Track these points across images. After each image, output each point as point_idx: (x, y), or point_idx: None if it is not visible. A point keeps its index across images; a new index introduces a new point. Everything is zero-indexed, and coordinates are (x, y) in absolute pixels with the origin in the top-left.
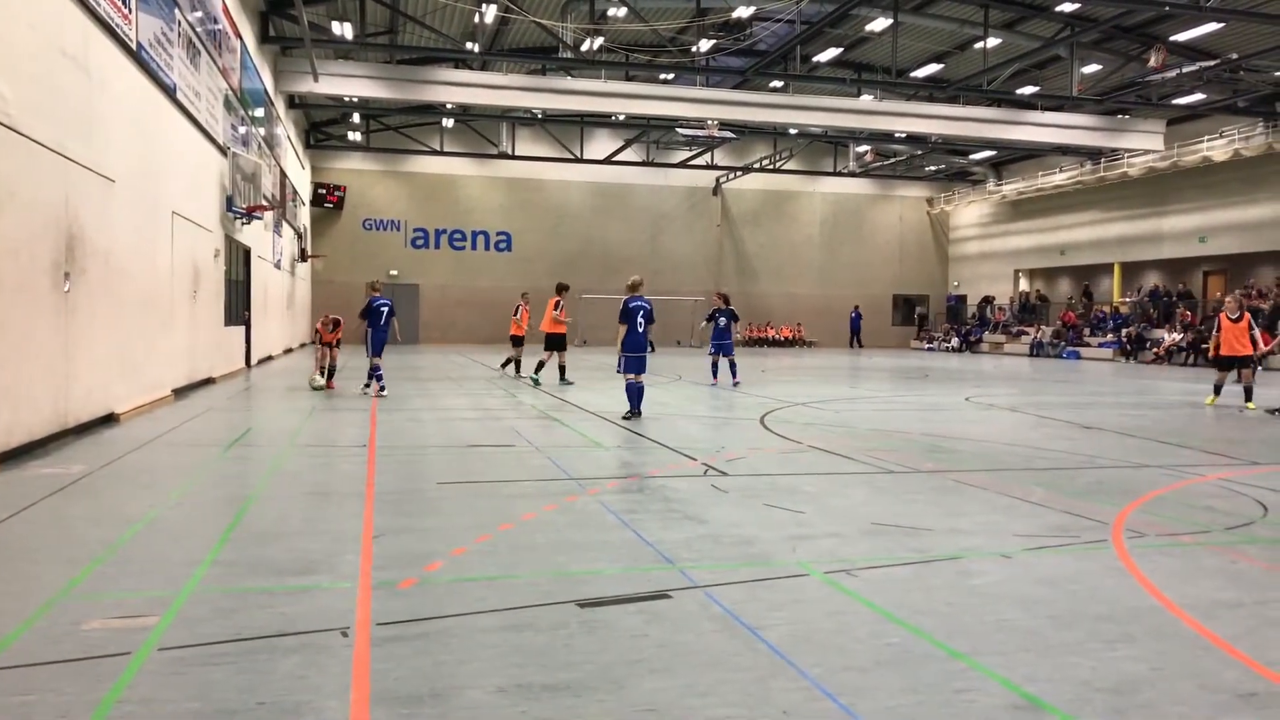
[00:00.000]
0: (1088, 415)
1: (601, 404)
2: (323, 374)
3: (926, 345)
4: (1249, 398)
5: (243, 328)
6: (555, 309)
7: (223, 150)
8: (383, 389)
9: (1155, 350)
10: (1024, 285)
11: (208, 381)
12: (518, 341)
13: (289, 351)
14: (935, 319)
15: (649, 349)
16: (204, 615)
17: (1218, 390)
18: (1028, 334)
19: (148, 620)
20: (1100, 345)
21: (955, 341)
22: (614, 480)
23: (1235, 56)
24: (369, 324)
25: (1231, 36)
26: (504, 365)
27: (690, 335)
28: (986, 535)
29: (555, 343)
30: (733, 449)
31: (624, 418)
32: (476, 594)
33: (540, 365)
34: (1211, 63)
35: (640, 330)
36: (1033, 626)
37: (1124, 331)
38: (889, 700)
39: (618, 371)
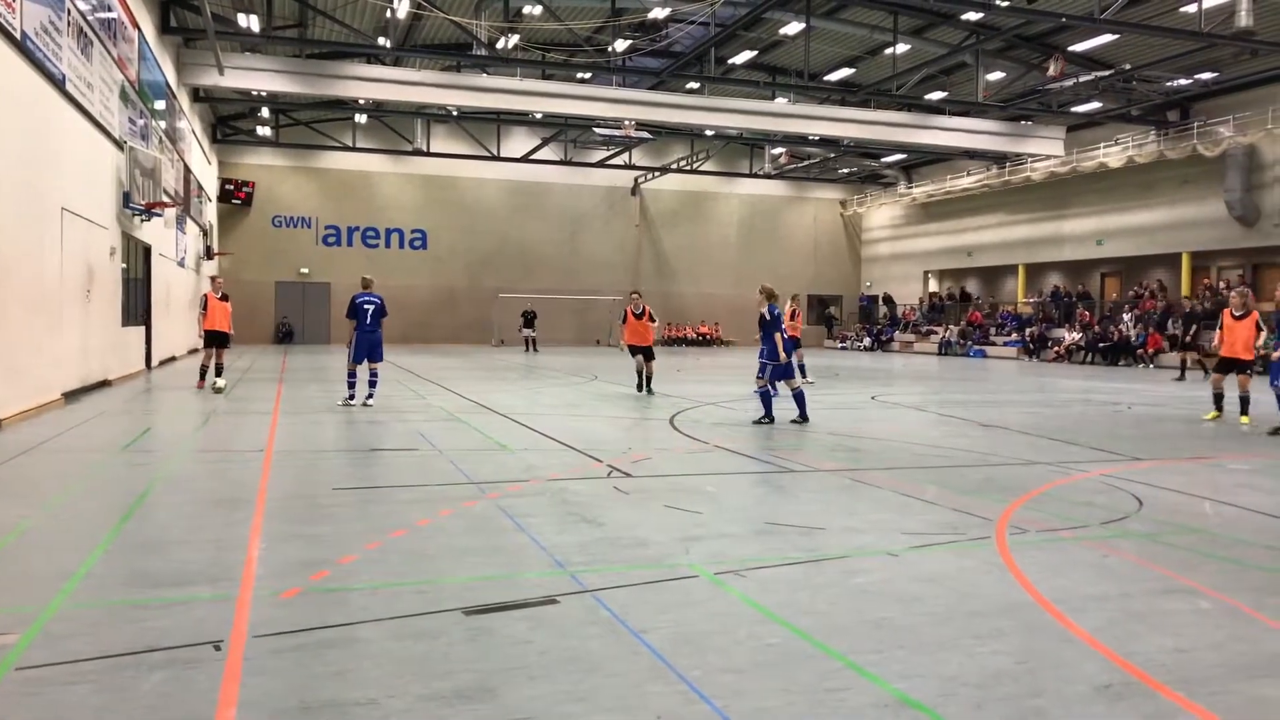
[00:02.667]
0: (987, 413)
1: (512, 404)
2: (218, 372)
3: (839, 344)
4: (1245, 409)
5: (142, 328)
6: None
7: (119, 144)
8: (369, 398)
9: (1056, 349)
10: (934, 286)
11: (103, 384)
12: (796, 344)
13: (194, 352)
14: (848, 319)
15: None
16: (69, 631)
17: (1219, 402)
18: (936, 333)
19: (7, 638)
20: (1005, 344)
21: (867, 341)
22: (515, 484)
23: (1129, 67)
24: (355, 325)
25: (1125, 48)
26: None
27: (609, 335)
28: (877, 534)
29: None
30: (640, 450)
31: (794, 421)
32: (360, 603)
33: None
34: (1107, 72)
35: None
36: (910, 624)
37: (1027, 331)
38: (763, 701)
39: (764, 378)
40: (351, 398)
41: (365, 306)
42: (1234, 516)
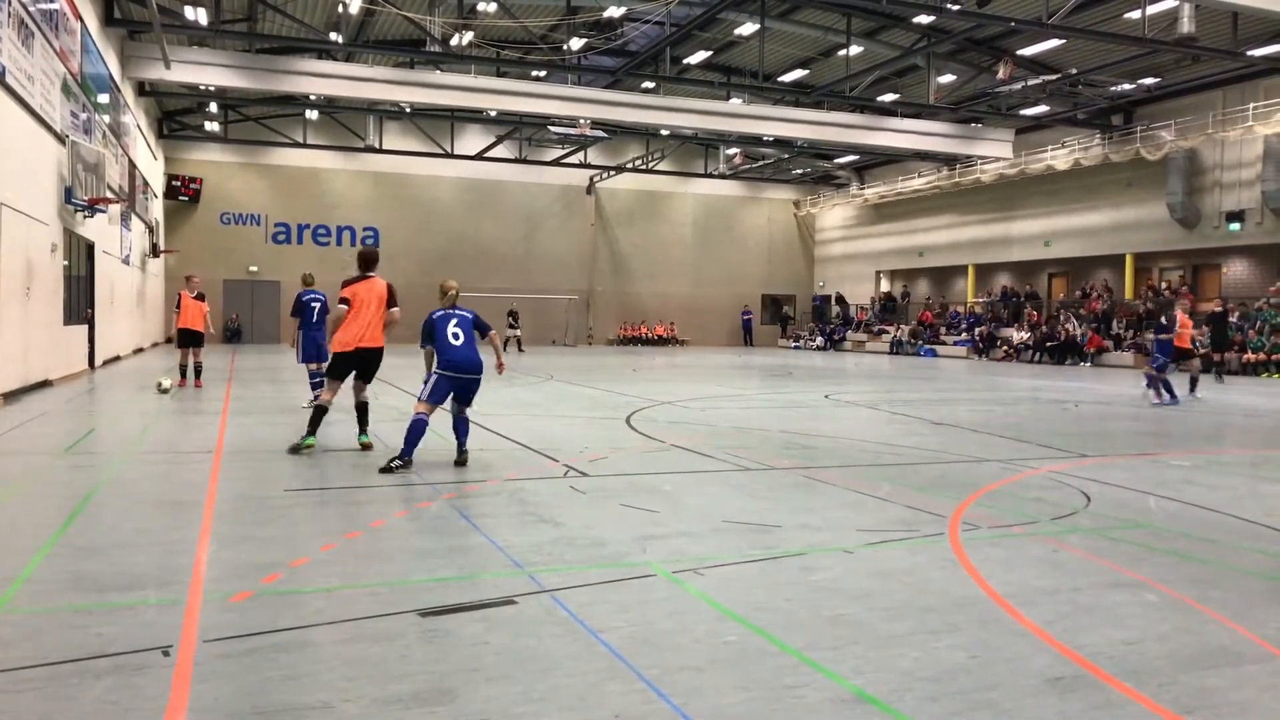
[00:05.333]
0: (938, 411)
1: None
2: (198, 372)
3: (793, 344)
4: None
5: (85, 327)
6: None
7: (60, 138)
8: (316, 399)
9: (1005, 348)
10: (885, 286)
11: (44, 384)
12: (1186, 356)
13: (139, 351)
14: (801, 318)
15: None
16: (11, 638)
17: None
18: (888, 333)
19: None
20: (955, 343)
21: (820, 340)
22: (472, 484)
23: (1075, 71)
24: (300, 324)
25: (1072, 52)
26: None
27: (564, 334)
28: (832, 530)
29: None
30: (596, 449)
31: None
32: (314, 606)
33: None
34: (1054, 76)
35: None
36: (866, 620)
37: (976, 330)
38: (721, 699)
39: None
40: (317, 396)
41: (312, 305)
42: (1177, 511)
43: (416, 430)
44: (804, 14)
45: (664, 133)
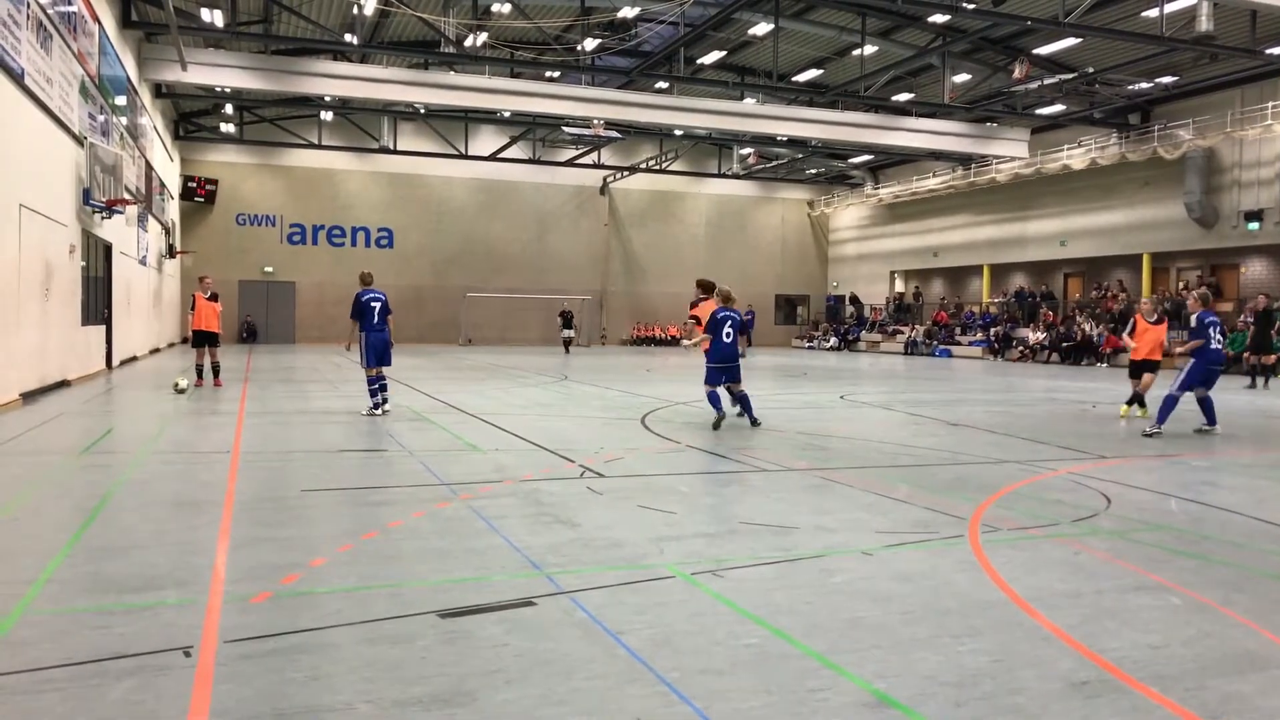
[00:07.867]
0: (954, 412)
1: (481, 405)
2: (215, 371)
3: (807, 344)
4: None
5: (103, 327)
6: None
7: (79, 140)
8: (384, 404)
9: (1020, 349)
10: (900, 286)
11: (62, 384)
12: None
13: (155, 352)
14: (815, 318)
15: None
16: (33, 638)
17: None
18: (903, 333)
19: None
20: (970, 344)
21: (834, 340)
22: (487, 484)
23: (1092, 70)
24: (361, 325)
25: (1089, 51)
26: None
27: (577, 335)
28: (850, 532)
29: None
30: (611, 450)
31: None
32: (333, 606)
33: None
34: (1070, 75)
35: (729, 340)
36: (886, 623)
37: (992, 331)
38: (743, 702)
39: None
40: (376, 405)
41: (372, 304)
42: (1198, 513)
43: (713, 399)
44: (818, 13)
45: (678, 133)
